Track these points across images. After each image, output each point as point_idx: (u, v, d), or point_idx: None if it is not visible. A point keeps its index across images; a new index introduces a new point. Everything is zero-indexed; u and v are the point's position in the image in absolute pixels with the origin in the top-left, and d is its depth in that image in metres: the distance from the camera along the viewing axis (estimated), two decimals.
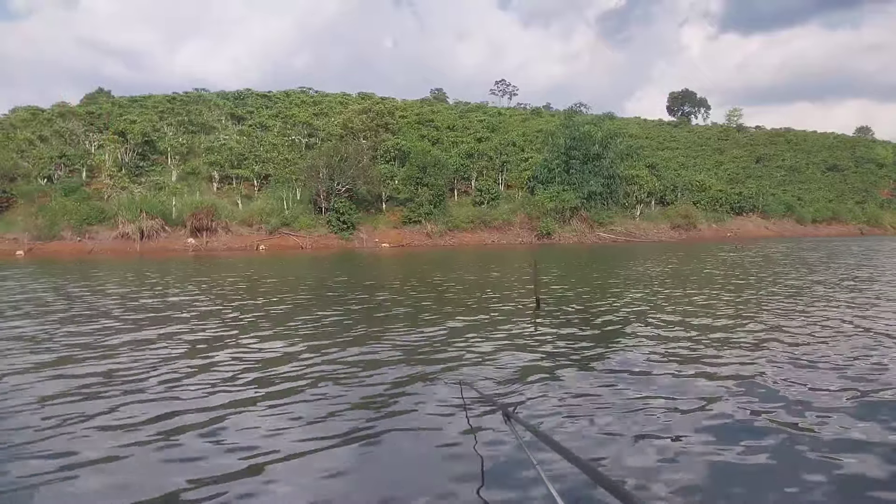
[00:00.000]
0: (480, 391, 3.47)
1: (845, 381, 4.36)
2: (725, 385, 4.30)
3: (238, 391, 4.29)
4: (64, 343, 6.05)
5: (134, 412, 3.80)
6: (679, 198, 44.65)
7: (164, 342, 6.07)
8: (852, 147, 67.75)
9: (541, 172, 40.03)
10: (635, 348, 5.61)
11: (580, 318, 7.37)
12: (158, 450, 3.21)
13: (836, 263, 16.27)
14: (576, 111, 54.76)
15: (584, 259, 21.15)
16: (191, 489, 2.76)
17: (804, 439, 3.27)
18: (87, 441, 3.33)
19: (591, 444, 3.23)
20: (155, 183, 34.25)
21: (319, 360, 5.24)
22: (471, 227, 36.27)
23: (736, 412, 3.71)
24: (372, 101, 50.98)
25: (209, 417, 3.71)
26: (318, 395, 4.21)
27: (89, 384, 4.48)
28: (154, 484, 2.81)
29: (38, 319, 7.59)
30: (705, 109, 79.22)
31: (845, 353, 5.28)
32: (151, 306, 8.81)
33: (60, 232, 28.26)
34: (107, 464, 3.03)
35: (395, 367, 4.94)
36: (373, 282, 12.91)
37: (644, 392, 4.16)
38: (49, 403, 4.00)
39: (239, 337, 6.36)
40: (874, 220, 53.71)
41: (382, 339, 6.12)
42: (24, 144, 34.07)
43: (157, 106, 45.58)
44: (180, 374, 4.75)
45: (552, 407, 3.87)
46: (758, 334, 6.17)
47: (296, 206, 33.82)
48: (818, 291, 9.88)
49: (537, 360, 5.15)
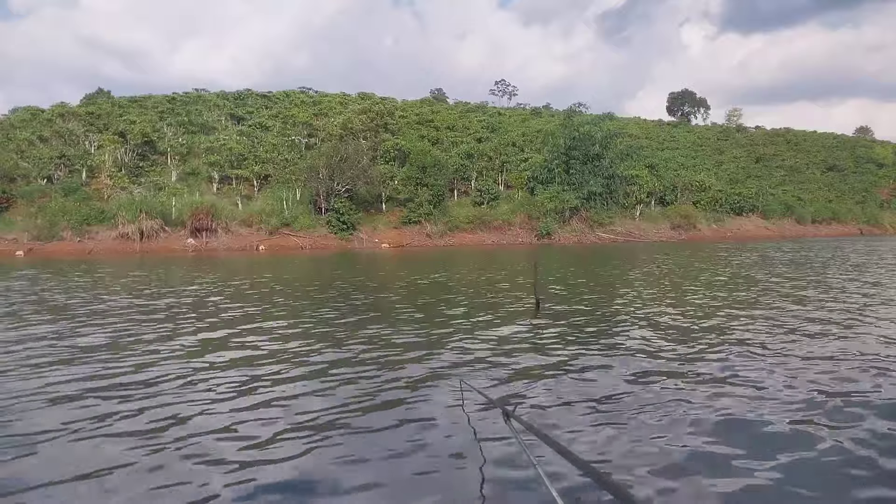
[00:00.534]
0: (480, 391, 3.46)
1: (857, 384, 4.36)
2: (729, 385, 4.30)
3: (236, 388, 4.29)
4: (82, 345, 6.05)
5: (140, 414, 3.81)
6: (679, 198, 44.63)
7: (170, 343, 6.07)
8: (852, 147, 67.74)
9: (540, 172, 40.03)
10: (636, 348, 5.60)
11: (580, 318, 7.37)
12: (153, 451, 3.20)
13: (845, 264, 16.26)
14: (576, 111, 54.70)
15: (583, 259, 21.15)
16: (188, 485, 2.76)
17: (813, 440, 3.26)
18: (87, 441, 3.33)
19: (591, 444, 3.23)
20: (155, 183, 34.25)
21: (318, 359, 5.24)
22: (470, 227, 36.26)
23: (738, 413, 3.70)
24: (372, 101, 50.99)
25: (208, 417, 3.71)
26: (316, 394, 4.21)
27: (109, 385, 4.48)
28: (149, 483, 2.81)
29: (60, 322, 7.58)
30: (705, 109, 79.26)
31: (860, 353, 5.27)
32: (165, 306, 8.81)
33: (60, 232, 28.26)
34: (106, 467, 3.03)
35: (395, 367, 4.94)
36: (373, 282, 12.90)
37: (644, 392, 4.16)
38: (55, 404, 4.00)
39: (238, 336, 6.36)
40: (874, 220, 53.68)
41: (382, 339, 6.12)
42: (24, 145, 34.08)
43: (157, 106, 45.59)
44: (186, 372, 4.75)
45: (552, 406, 3.87)
46: (761, 334, 6.17)
47: (295, 206, 33.81)
48: (820, 292, 9.87)
49: (537, 360, 5.15)
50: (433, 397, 4.10)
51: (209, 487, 2.76)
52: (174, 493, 2.72)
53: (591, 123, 42.21)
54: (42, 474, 2.89)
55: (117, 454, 3.13)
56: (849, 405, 3.81)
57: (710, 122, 76.61)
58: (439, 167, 36.28)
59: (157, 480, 2.83)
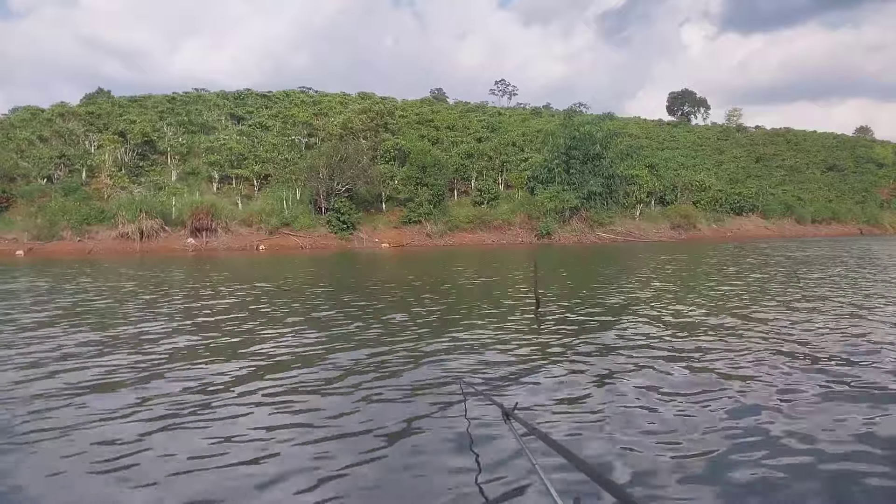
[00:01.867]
0: (480, 390, 3.47)
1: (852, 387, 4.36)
2: (729, 385, 4.30)
3: (234, 385, 4.29)
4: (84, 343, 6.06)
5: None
6: (679, 198, 44.62)
7: (173, 344, 6.07)
8: (852, 147, 67.66)
9: (540, 172, 40.00)
10: (636, 348, 5.60)
11: (580, 318, 7.37)
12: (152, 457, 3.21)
13: (846, 265, 16.26)
14: (576, 111, 54.70)
15: (583, 259, 21.15)
16: (189, 484, 2.76)
17: (806, 439, 3.26)
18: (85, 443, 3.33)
19: (591, 444, 3.23)
20: (155, 183, 34.23)
21: (317, 358, 5.24)
22: (470, 227, 36.25)
23: (740, 413, 3.70)
24: (372, 100, 50.95)
25: (204, 414, 3.71)
26: (315, 394, 4.21)
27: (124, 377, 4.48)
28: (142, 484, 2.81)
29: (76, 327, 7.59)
30: (705, 109, 79.16)
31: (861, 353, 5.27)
32: (171, 307, 8.81)
33: (60, 232, 28.24)
34: (105, 465, 3.03)
35: (394, 366, 4.94)
36: (373, 281, 12.91)
37: (645, 392, 4.16)
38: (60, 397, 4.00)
39: (239, 335, 6.37)
40: (874, 219, 53.64)
41: (381, 339, 6.12)
42: (24, 144, 34.05)
43: (157, 106, 45.56)
44: (190, 371, 4.75)
45: (552, 406, 3.87)
46: (762, 335, 6.16)
47: (295, 206, 33.80)
48: (821, 294, 9.87)
49: (537, 360, 5.15)
50: (433, 397, 4.10)
51: (208, 489, 2.77)
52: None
53: (591, 123, 42.16)
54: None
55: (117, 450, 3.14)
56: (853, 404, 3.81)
57: (710, 122, 76.58)
58: (439, 167, 36.27)
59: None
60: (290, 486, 2.78)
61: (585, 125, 41.39)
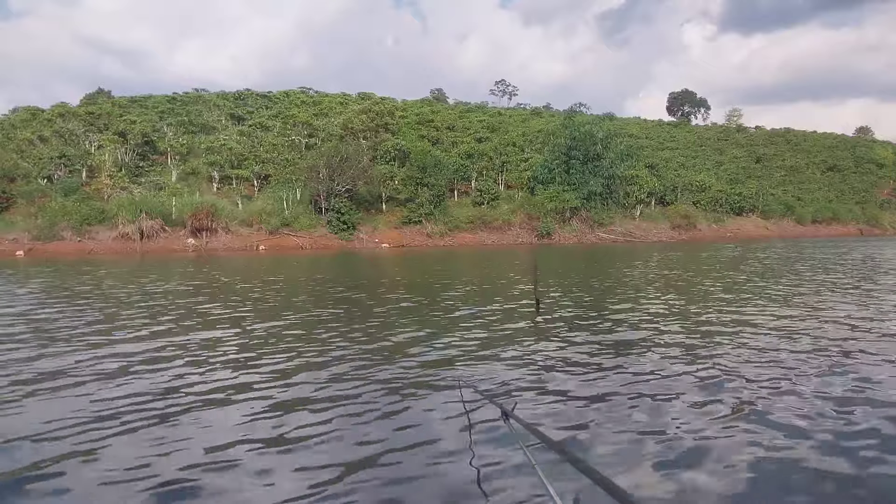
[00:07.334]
0: (480, 390, 3.46)
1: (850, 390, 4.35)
2: (728, 385, 4.29)
3: (232, 384, 4.29)
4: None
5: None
6: (679, 198, 44.63)
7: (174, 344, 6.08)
8: (852, 147, 67.66)
9: (541, 172, 40.02)
10: (635, 348, 5.60)
11: (580, 319, 7.36)
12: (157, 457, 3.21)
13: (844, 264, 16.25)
14: (576, 111, 54.75)
15: (583, 259, 21.15)
16: (188, 483, 2.76)
17: (814, 439, 3.26)
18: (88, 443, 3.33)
19: (591, 444, 3.23)
20: (155, 183, 34.26)
21: (316, 358, 5.24)
22: (471, 227, 36.26)
23: (741, 413, 3.70)
24: (372, 101, 50.96)
25: (205, 414, 3.72)
26: (315, 393, 4.20)
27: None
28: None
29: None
30: (705, 109, 79.18)
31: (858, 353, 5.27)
32: (173, 309, 8.82)
33: (60, 232, 28.25)
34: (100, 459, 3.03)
35: (394, 366, 4.93)
36: (372, 282, 12.90)
37: (644, 392, 4.15)
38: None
39: (238, 335, 6.37)
40: (874, 220, 53.64)
41: (381, 339, 6.11)
42: (24, 144, 34.10)
43: (157, 106, 45.66)
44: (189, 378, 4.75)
45: (551, 406, 3.87)
46: (763, 334, 6.16)
47: (296, 206, 33.81)
48: (823, 293, 9.87)
49: (537, 360, 5.15)
50: (432, 397, 4.10)
51: (209, 487, 2.77)
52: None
53: (591, 123, 42.22)
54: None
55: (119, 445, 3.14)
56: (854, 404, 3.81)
57: (710, 122, 76.61)
58: (439, 167, 36.28)
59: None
60: (290, 486, 2.78)
61: (586, 125, 41.44)
